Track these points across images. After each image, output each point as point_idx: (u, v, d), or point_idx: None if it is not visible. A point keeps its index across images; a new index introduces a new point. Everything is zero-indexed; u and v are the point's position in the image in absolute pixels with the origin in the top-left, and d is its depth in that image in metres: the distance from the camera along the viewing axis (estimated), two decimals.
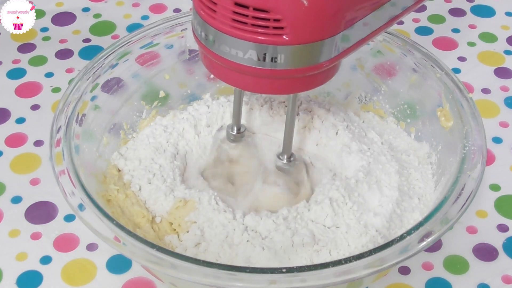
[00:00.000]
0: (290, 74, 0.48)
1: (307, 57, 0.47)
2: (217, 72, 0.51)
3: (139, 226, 0.57)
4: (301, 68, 0.48)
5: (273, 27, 0.45)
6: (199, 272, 0.48)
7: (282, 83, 0.50)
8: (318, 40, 0.47)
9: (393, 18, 0.53)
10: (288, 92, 0.53)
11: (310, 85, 0.51)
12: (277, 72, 0.48)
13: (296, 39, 0.46)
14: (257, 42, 0.46)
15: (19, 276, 0.61)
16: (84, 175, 0.56)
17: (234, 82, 0.51)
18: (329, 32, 0.47)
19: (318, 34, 0.47)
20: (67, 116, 0.60)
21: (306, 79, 0.50)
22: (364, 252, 0.49)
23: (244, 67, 0.48)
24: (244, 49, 0.47)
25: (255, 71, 0.48)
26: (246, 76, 0.49)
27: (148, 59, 0.67)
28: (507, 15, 0.91)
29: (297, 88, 0.51)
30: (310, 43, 0.47)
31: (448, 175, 0.57)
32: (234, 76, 0.50)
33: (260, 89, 0.52)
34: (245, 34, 0.46)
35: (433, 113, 0.63)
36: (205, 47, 0.49)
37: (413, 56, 0.65)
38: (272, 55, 0.47)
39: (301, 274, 0.48)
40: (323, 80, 0.52)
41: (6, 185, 0.69)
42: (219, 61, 0.49)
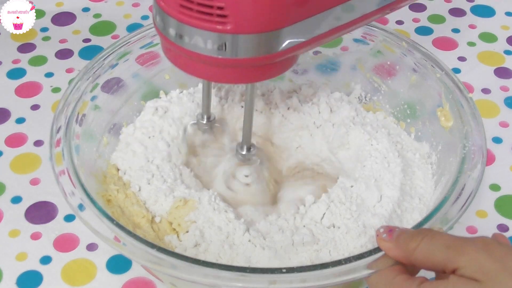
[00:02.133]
0: (236, 64, 0.48)
1: (255, 47, 0.47)
2: (175, 62, 0.52)
3: (139, 226, 0.57)
4: (248, 58, 0.48)
5: (216, 14, 0.46)
6: (199, 272, 0.48)
7: (236, 72, 0.50)
8: (262, 32, 0.47)
9: (362, 16, 0.53)
10: (244, 81, 0.53)
11: (265, 75, 0.51)
12: (224, 61, 0.48)
13: (239, 28, 0.46)
14: (202, 28, 0.47)
15: (19, 276, 0.61)
16: (84, 175, 0.56)
17: (191, 71, 0.51)
18: (273, 24, 0.47)
19: (262, 25, 0.47)
20: (67, 116, 0.60)
21: (261, 69, 0.50)
22: (364, 252, 0.49)
23: (192, 53, 0.48)
24: (190, 35, 0.47)
25: (202, 58, 0.48)
26: (200, 65, 0.49)
27: (148, 59, 0.67)
28: (507, 15, 0.91)
29: (253, 78, 0.51)
30: (254, 33, 0.47)
31: (448, 175, 0.57)
32: (189, 65, 0.50)
33: (218, 78, 0.52)
34: (191, 20, 0.47)
35: (433, 113, 0.63)
36: (162, 35, 0.50)
37: (413, 56, 0.65)
38: (217, 43, 0.47)
39: (301, 274, 0.48)
40: (279, 71, 0.51)
41: (6, 185, 0.69)
42: (173, 48, 0.49)
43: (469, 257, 0.43)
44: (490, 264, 0.43)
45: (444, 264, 0.44)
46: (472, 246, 0.44)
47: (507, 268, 0.42)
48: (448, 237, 0.46)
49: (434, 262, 0.45)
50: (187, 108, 0.66)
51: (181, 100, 0.67)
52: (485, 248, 0.44)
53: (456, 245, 0.44)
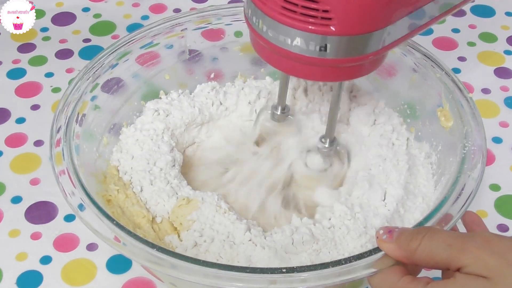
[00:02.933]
0: (336, 64, 0.49)
1: (354, 48, 0.48)
2: (267, 57, 0.52)
3: (139, 226, 0.57)
4: (347, 58, 0.49)
5: (321, 17, 0.46)
6: (199, 272, 0.48)
7: (328, 71, 0.51)
8: (365, 33, 0.48)
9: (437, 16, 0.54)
10: (335, 80, 0.54)
11: (358, 73, 0.52)
12: (323, 61, 0.49)
13: (343, 30, 0.47)
14: (305, 30, 0.47)
15: (19, 276, 0.61)
16: (84, 175, 0.56)
17: (282, 67, 0.52)
18: (376, 25, 0.48)
19: (365, 26, 0.47)
20: (67, 116, 0.60)
21: (353, 68, 0.51)
22: (364, 252, 0.49)
23: (291, 53, 0.49)
24: (291, 35, 0.48)
25: (302, 58, 0.49)
26: (292, 62, 0.50)
27: (148, 59, 0.67)
28: (507, 15, 0.91)
29: (345, 76, 0.52)
30: (357, 35, 0.47)
31: (448, 175, 0.57)
32: (282, 62, 0.51)
33: (307, 76, 0.53)
34: (293, 22, 0.47)
35: (433, 113, 0.63)
36: (256, 32, 0.50)
37: (413, 56, 0.65)
38: (319, 44, 0.48)
39: (301, 274, 0.48)
40: (370, 69, 0.52)
41: (6, 185, 0.69)
42: (268, 46, 0.50)
43: (472, 255, 0.43)
44: (493, 260, 0.43)
45: (447, 263, 0.44)
46: (473, 243, 0.44)
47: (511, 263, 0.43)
48: (448, 235, 0.46)
49: (437, 261, 0.45)
50: (188, 113, 0.66)
51: (181, 104, 0.67)
52: (486, 244, 0.44)
53: (457, 243, 0.44)
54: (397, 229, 0.48)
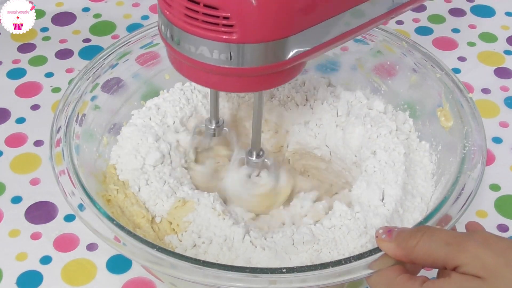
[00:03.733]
0: (243, 73, 0.48)
1: (260, 56, 0.47)
2: (183, 71, 0.51)
3: (139, 226, 0.57)
4: (254, 67, 0.47)
5: (222, 24, 0.45)
6: (200, 273, 0.48)
7: (243, 81, 0.49)
8: (268, 41, 0.46)
9: (368, 22, 0.52)
10: (251, 90, 0.52)
11: (272, 83, 0.51)
12: (229, 70, 0.48)
13: (245, 38, 0.46)
14: (208, 38, 0.46)
15: (19, 276, 0.61)
16: (84, 175, 0.56)
17: (199, 81, 0.51)
18: (280, 33, 0.46)
19: (268, 34, 0.46)
20: (67, 116, 0.60)
21: (269, 77, 0.49)
22: (364, 252, 0.49)
23: (199, 63, 0.48)
24: (197, 45, 0.47)
25: (208, 67, 0.48)
26: (207, 74, 0.49)
27: (148, 59, 0.67)
28: (507, 15, 0.91)
29: (260, 86, 0.51)
30: (260, 42, 0.46)
31: (448, 175, 0.57)
32: (197, 75, 0.50)
33: (223, 87, 0.52)
34: (196, 30, 0.46)
35: (433, 113, 0.63)
36: (167, 43, 0.49)
37: (413, 56, 0.65)
38: (223, 52, 0.47)
39: (301, 274, 0.48)
40: (286, 78, 0.51)
41: (6, 185, 0.69)
42: (179, 58, 0.49)
43: (470, 254, 0.43)
44: (491, 259, 0.43)
45: (445, 261, 0.44)
46: (471, 242, 0.44)
47: (509, 263, 0.43)
48: (447, 233, 0.46)
49: (435, 259, 0.45)
50: (184, 113, 0.66)
51: (179, 102, 0.66)
52: (485, 243, 0.44)
53: (456, 241, 0.44)
54: (396, 228, 0.48)
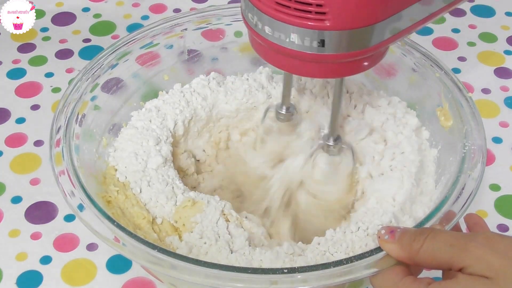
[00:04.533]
0: (333, 59, 0.49)
1: (351, 43, 0.48)
2: (265, 55, 0.52)
3: (140, 227, 0.57)
4: (344, 54, 0.48)
5: (315, 12, 0.46)
6: (200, 273, 0.48)
7: (327, 67, 0.50)
8: (360, 27, 0.47)
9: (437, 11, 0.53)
10: (334, 76, 0.53)
11: (358, 69, 0.52)
12: (320, 57, 0.48)
13: (338, 25, 0.46)
14: (299, 26, 0.47)
15: (19, 276, 0.61)
16: (83, 176, 0.56)
17: (281, 65, 0.52)
18: (372, 19, 0.47)
19: (361, 20, 0.47)
20: (67, 116, 0.60)
21: (352, 64, 0.50)
22: (365, 252, 0.49)
23: (288, 50, 0.48)
24: (287, 32, 0.47)
25: (298, 54, 0.48)
26: (291, 59, 0.50)
27: (148, 59, 0.67)
28: (507, 15, 0.91)
29: (344, 72, 0.52)
30: (352, 29, 0.47)
31: (448, 175, 0.57)
32: (280, 60, 0.51)
33: (306, 73, 0.52)
34: (288, 18, 0.47)
35: (433, 112, 0.63)
36: (253, 31, 0.50)
37: (413, 56, 0.65)
38: (315, 39, 0.47)
39: (302, 274, 0.48)
40: (370, 64, 0.52)
41: (6, 185, 0.69)
42: (266, 44, 0.50)
43: (474, 255, 0.43)
44: (496, 260, 0.43)
45: (449, 263, 0.44)
46: (475, 243, 0.44)
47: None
48: (450, 235, 0.46)
49: (439, 262, 0.45)
50: (184, 116, 0.66)
51: (179, 105, 0.66)
52: (488, 243, 0.44)
53: (460, 243, 0.44)
54: (399, 229, 0.48)
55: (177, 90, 0.67)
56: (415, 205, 0.58)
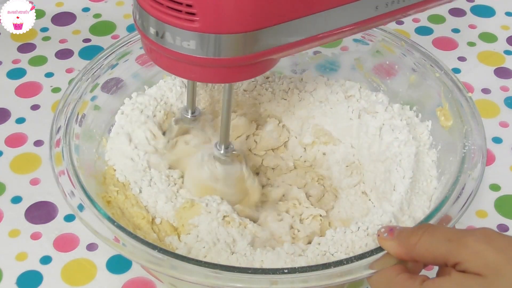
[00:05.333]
0: (203, 63, 0.48)
1: (222, 48, 0.47)
2: (156, 60, 0.51)
3: (139, 228, 0.57)
4: (214, 59, 0.47)
5: (185, 11, 0.45)
6: (200, 273, 0.48)
7: (210, 71, 0.49)
8: (230, 33, 0.46)
9: (350, 24, 0.51)
10: (217, 81, 0.53)
11: (245, 75, 0.51)
12: (190, 58, 0.47)
13: (206, 27, 0.46)
14: (172, 25, 0.46)
15: (19, 276, 0.61)
16: (83, 176, 0.56)
17: (167, 67, 0.51)
18: (243, 26, 0.46)
19: (231, 26, 0.46)
20: (67, 117, 0.60)
21: (235, 70, 0.49)
22: (365, 252, 0.49)
23: (162, 48, 0.48)
24: (162, 30, 0.47)
25: (171, 53, 0.48)
26: (177, 62, 0.49)
27: (148, 59, 0.67)
28: (507, 15, 0.91)
29: (226, 78, 0.51)
30: (221, 34, 0.46)
31: (448, 175, 0.57)
32: (165, 61, 0.50)
33: (194, 76, 0.51)
34: (161, 15, 0.46)
35: (433, 112, 0.63)
36: (139, 30, 0.49)
37: (413, 56, 0.65)
38: (184, 39, 0.46)
39: (302, 275, 0.48)
40: (253, 73, 0.51)
41: (6, 185, 0.69)
42: (150, 45, 0.49)
43: (471, 250, 0.43)
44: (493, 256, 0.43)
45: (446, 258, 0.44)
46: (473, 238, 0.44)
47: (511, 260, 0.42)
48: (448, 230, 0.46)
49: (436, 256, 0.45)
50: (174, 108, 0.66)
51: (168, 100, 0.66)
52: (486, 239, 0.44)
53: (457, 237, 0.44)
54: (398, 227, 0.48)
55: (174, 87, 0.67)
56: (414, 205, 0.58)
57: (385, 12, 0.52)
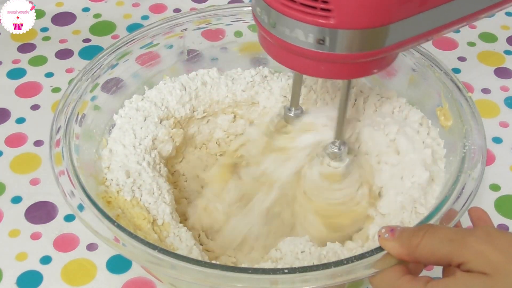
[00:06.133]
0: (337, 59, 0.48)
1: (355, 43, 0.47)
2: (273, 53, 0.51)
3: (140, 228, 0.57)
4: (348, 54, 0.48)
5: (320, 8, 0.46)
6: (200, 273, 0.48)
7: (333, 67, 0.49)
8: (365, 28, 0.46)
9: (460, 18, 0.52)
10: (342, 77, 0.53)
11: (366, 71, 0.51)
12: (324, 55, 0.48)
13: (342, 23, 0.46)
14: (305, 22, 0.46)
15: (19, 276, 0.61)
16: (83, 176, 0.56)
17: (288, 64, 0.51)
18: (378, 21, 0.46)
19: (366, 21, 0.46)
20: (66, 117, 0.60)
21: (361, 65, 0.50)
22: (365, 252, 0.49)
23: (293, 47, 0.48)
24: (292, 28, 0.47)
25: (301, 51, 0.48)
26: (299, 58, 0.49)
27: (148, 59, 0.67)
28: (507, 15, 0.91)
29: (352, 74, 0.51)
30: (357, 29, 0.46)
31: (448, 175, 0.57)
32: (288, 58, 0.50)
33: (313, 72, 0.51)
34: (293, 13, 0.47)
35: (433, 112, 0.63)
36: (261, 26, 0.50)
37: (412, 56, 0.65)
38: (318, 36, 0.47)
39: (303, 275, 0.48)
40: (379, 67, 0.51)
41: (6, 185, 0.69)
42: (272, 40, 0.49)
43: (474, 250, 0.43)
44: (495, 256, 0.43)
45: (449, 258, 0.44)
46: (474, 237, 0.44)
47: None
48: (450, 230, 0.46)
49: (438, 257, 0.45)
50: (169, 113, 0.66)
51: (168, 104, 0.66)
52: (488, 238, 0.44)
53: (459, 238, 0.44)
54: (399, 227, 0.48)
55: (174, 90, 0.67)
56: None
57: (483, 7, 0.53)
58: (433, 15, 0.49)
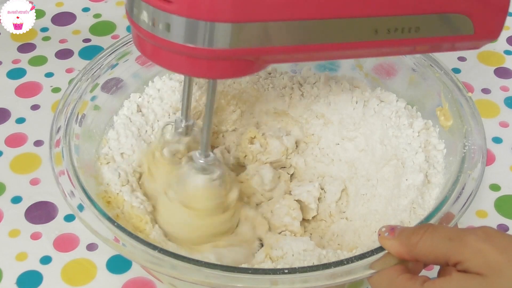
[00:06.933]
0: (177, 49, 0.45)
1: (197, 35, 0.44)
2: (144, 51, 0.49)
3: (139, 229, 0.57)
4: (188, 46, 0.44)
5: None
6: (200, 273, 0.48)
7: (191, 62, 0.46)
8: (205, 20, 0.43)
9: (336, 44, 0.47)
10: (196, 75, 0.50)
11: (230, 73, 0.47)
12: (166, 43, 0.45)
13: (181, 10, 0.43)
14: (151, 4, 0.44)
15: (19, 276, 0.61)
16: (83, 176, 0.56)
17: (150, 56, 0.48)
18: (220, 15, 0.43)
19: (207, 12, 0.43)
20: (66, 117, 0.60)
21: (211, 64, 0.46)
22: (366, 252, 0.49)
23: (142, 31, 0.45)
24: (139, 9, 0.45)
25: (148, 36, 0.45)
26: (160, 51, 0.46)
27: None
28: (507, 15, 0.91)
29: (209, 73, 0.47)
30: (197, 19, 0.43)
31: (448, 175, 0.57)
32: (150, 50, 0.48)
33: (169, 65, 0.48)
34: None
35: (433, 112, 0.63)
36: (128, 15, 0.47)
37: (412, 56, 0.65)
38: (162, 21, 0.44)
39: (302, 275, 0.48)
40: (234, 72, 0.48)
41: (6, 185, 0.69)
42: (136, 30, 0.47)
43: (472, 250, 0.43)
44: (494, 256, 0.43)
45: (447, 257, 0.44)
46: (473, 236, 0.44)
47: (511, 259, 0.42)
48: (449, 229, 0.46)
49: (437, 255, 0.45)
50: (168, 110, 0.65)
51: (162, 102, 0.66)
52: (488, 238, 0.44)
53: (458, 236, 0.44)
54: (399, 227, 0.48)
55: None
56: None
57: (385, 39, 0.48)
58: (298, 29, 0.45)
